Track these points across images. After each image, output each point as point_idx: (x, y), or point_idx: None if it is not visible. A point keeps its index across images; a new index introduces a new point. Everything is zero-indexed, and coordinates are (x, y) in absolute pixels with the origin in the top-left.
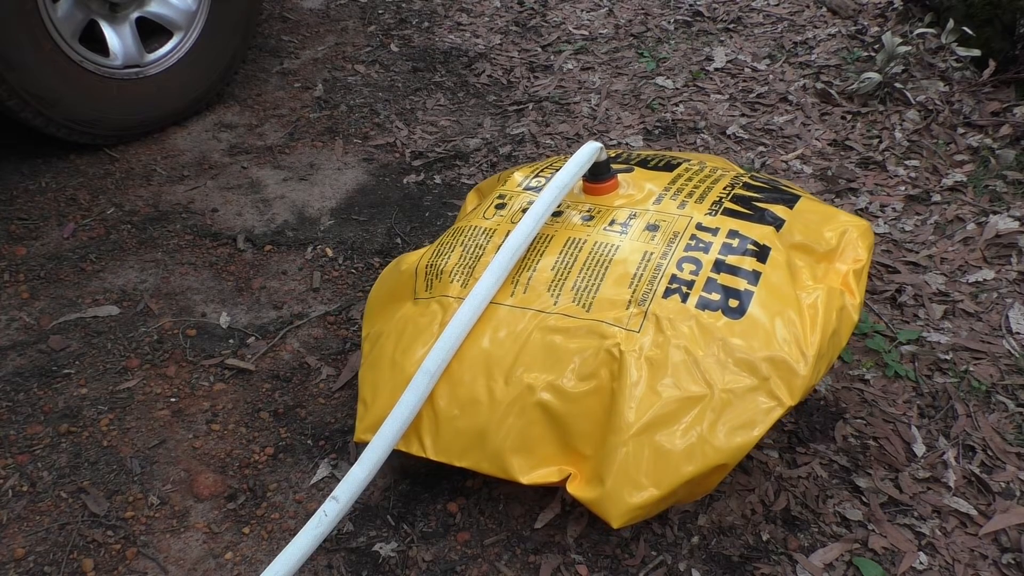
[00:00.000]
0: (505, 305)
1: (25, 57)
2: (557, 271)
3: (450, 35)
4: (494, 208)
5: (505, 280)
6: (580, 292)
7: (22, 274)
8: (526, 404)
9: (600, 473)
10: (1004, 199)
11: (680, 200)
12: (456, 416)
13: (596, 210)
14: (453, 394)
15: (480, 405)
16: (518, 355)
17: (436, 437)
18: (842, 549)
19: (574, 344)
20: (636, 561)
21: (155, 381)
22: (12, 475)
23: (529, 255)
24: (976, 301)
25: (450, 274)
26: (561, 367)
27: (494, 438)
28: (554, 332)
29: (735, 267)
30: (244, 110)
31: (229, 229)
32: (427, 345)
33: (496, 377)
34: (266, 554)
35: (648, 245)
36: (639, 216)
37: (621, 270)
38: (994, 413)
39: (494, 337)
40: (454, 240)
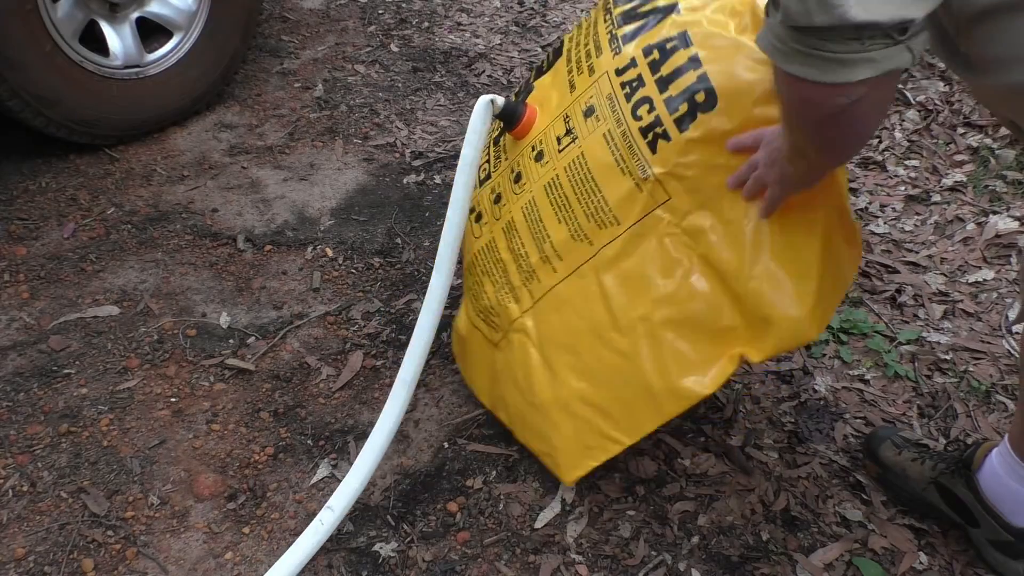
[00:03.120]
0: (559, 284)
1: (25, 57)
2: (564, 219)
3: (450, 35)
4: (476, 223)
5: (534, 264)
6: (596, 215)
7: (22, 274)
8: (653, 334)
9: (758, 321)
10: (1004, 199)
11: (586, 68)
12: (615, 394)
13: (539, 143)
14: (593, 380)
15: (619, 367)
16: (607, 306)
17: (618, 423)
18: (842, 549)
19: (636, 257)
20: (636, 561)
21: (155, 381)
22: (12, 475)
23: (531, 226)
24: (976, 301)
25: (500, 303)
26: (646, 282)
27: (656, 380)
28: (614, 265)
29: (675, 71)
30: (244, 110)
31: (229, 229)
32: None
33: (609, 337)
34: (266, 554)
35: (600, 127)
36: (571, 115)
37: (605, 167)
38: (994, 413)
39: (576, 311)
40: (476, 277)
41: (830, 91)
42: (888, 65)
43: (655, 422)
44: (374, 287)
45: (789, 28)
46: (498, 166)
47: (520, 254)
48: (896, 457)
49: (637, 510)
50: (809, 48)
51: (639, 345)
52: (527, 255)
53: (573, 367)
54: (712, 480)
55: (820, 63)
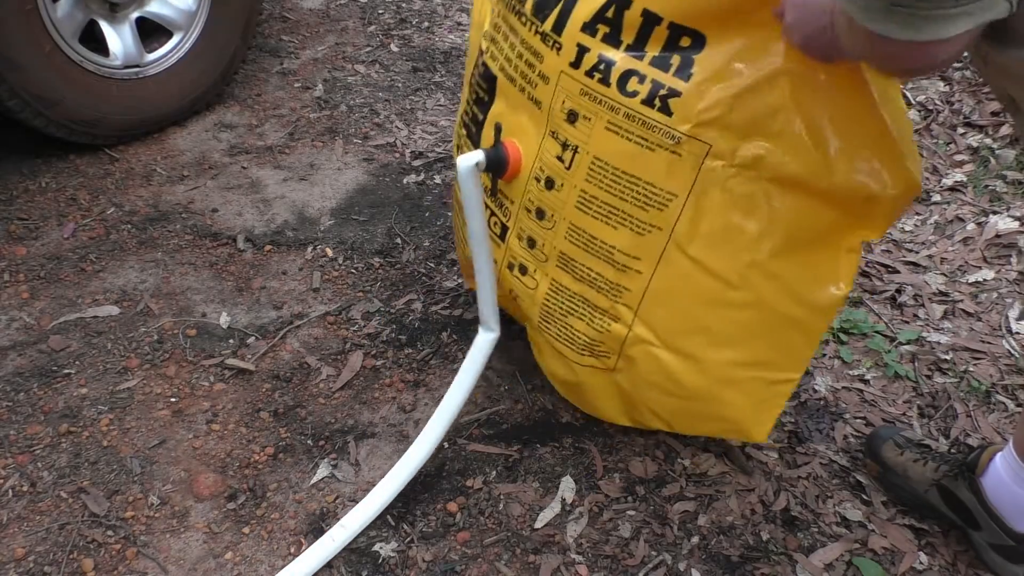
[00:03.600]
0: (651, 281)
1: (25, 57)
2: (618, 223)
3: (450, 35)
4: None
5: (613, 279)
6: (650, 201)
7: (22, 274)
8: (768, 272)
9: (860, 204)
10: (1004, 199)
11: (538, 80)
12: (764, 343)
13: (540, 173)
14: (736, 343)
15: (753, 319)
16: (711, 273)
17: (780, 365)
18: (842, 549)
19: (711, 215)
20: (636, 561)
21: (155, 381)
22: (12, 475)
23: (587, 247)
24: (976, 301)
25: (601, 331)
26: (734, 232)
27: (795, 309)
28: (694, 234)
29: (639, 29)
30: (244, 110)
31: (229, 229)
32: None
33: (730, 298)
34: (266, 554)
35: (596, 124)
36: (557, 130)
37: (629, 156)
38: (994, 413)
39: (683, 295)
40: (558, 325)
41: (918, 49)
42: (986, 16)
43: (812, 345)
44: (374, 287)
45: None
46: (508, 213)
47: (592, 278)
48: (898, 457)
49: (637, 510)
50: (896, 4)
51: (761, 289)
52: (600, 274)
53: (711, 343)
54: (712, 480)
55: (909, 19)
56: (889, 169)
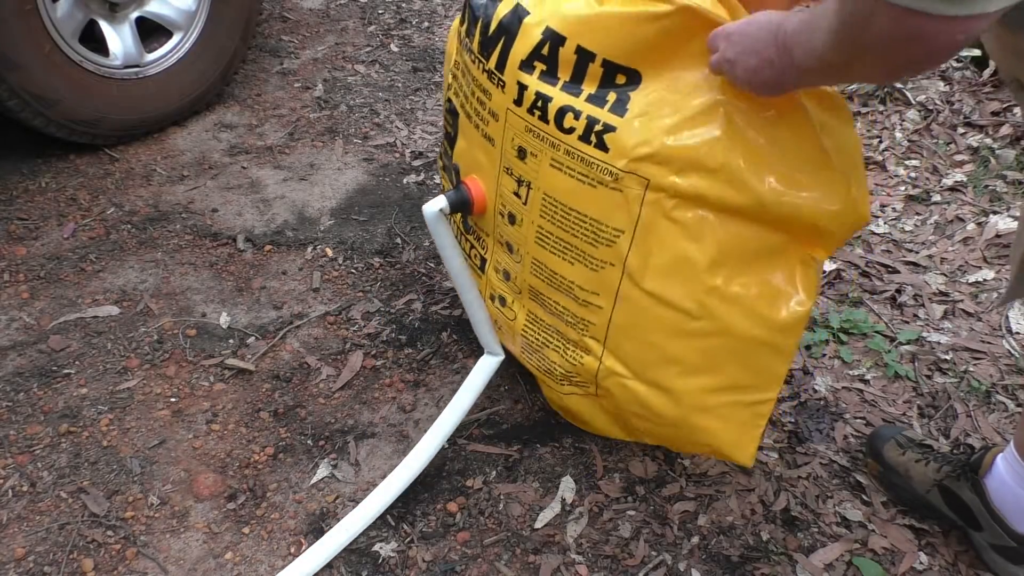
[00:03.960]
0: (612, 316)
1: (25, 57)
2: (573, 259)
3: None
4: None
5: (577, 313)
6: (598, 237)
7: (22, 274)
8: (727, 297)
9: (808, 230)
10: (1004, 199)
11: (488, 116)
12: (736, 367)
13: (503, 207)
14: (707, 370)
15: (720, 345)
16: (671, 306)
17: (755, 386)
18: (842, 549)
19: (660, 248)
20: (636, 561)
21: (155, 381)
22: (12, 475)
23: (550, 281)
24: (976, 301)
25: (573, 363)
26: (686, 261)
27: (760, 331)
28: (646, 268)
29: (575, 67)
30: (244, 110)
31: (229, 229)
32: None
33: (693, 328)
34: (266, 554)
35: (542, 160)
36: (511, 166)
37: (572, 192)
38: (994, 413)
39: (645, 329)
40: (538, 355)
41: (951, 26)
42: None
43: (785, 363)
44: (374, 287)
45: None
46: (485, 246)
47: (559, 311)
48: (900, 457)
49: (637, 510)
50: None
51: (722, 315)
52: (566, 308)
53: (681, 373)
54: (712, 480)
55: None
56: (831, 199)
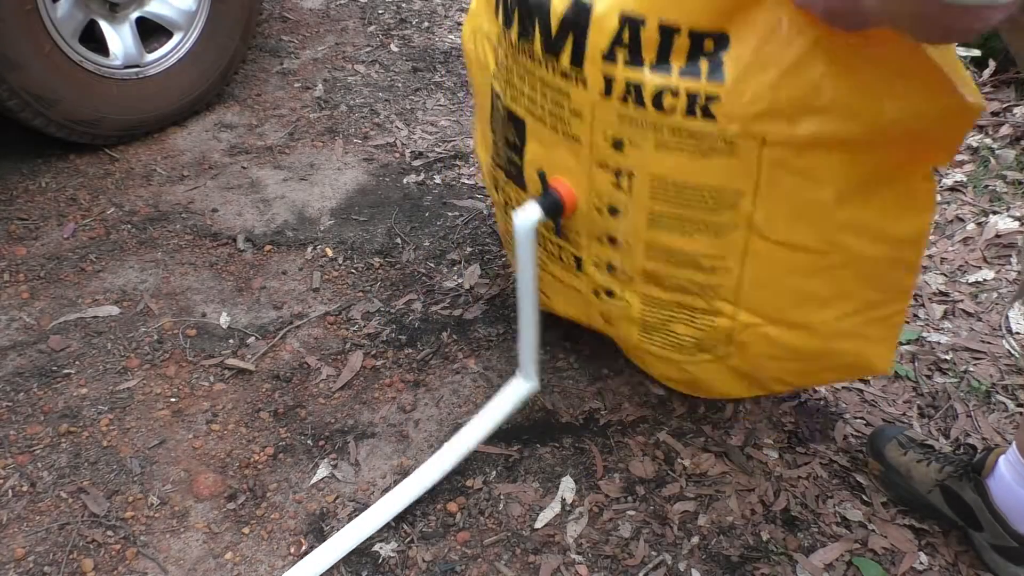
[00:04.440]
0: (743, 272)
1: (25, 57)
2: (695, 230)
3: (450, 35)
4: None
5: (703, 281)
6: (719, 204)
7: (22, 274)
8: (857, 225)
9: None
10: (1004, 199)
11: (570, 118)
12: (870, 286)
13: (599, 202)
14: (844, 297)
15: (855, 271)
16: (804, 247)
17: (885, 302)
18: (842, 549)
19: (785, 199)
20: (636, 561)
21: (155, 381)
22: (12, 475)
23: (669, 259)
24: (976, 301)
25: (704, 330)
26: (814, 204)
27: (887, 250)
28: (773, 220)
29: (659, 47)
30: (244, 110)
31: (229, 229)
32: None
33: (828, 263)
34: (266, 554)
35: (644, 146)
36: (605, 161)
37: (685, 168)
38: (994, 413)
39: (780, 274)
40: (663, 334)
41: (974, 15)
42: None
43: (913, 273)
44: (374, 287)
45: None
46: (579, 245)
47: (682, 285)
48: (901, 457)
49: (637, 510)
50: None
51: (851, 245)
52: (691, 280)
53: (817, 307)
54: (712, 480)
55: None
56: (945, 103)
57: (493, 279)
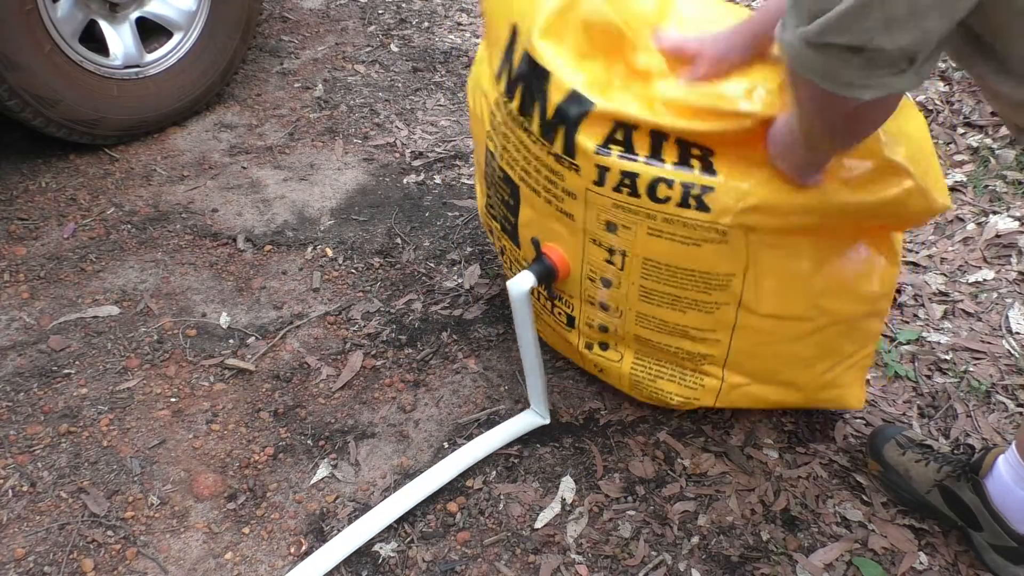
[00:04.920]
0: (731, 342)
1: (25, 57)
2: (685, 307)
3: (450, 35)
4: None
5: (692, 350)
6: (709, 285)
7: (22, 274)
8: (831, 293)
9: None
10: (1004, 199)
11: (563, 195)
12: (841, 340)
13: (593, 273)
14: (821, 355)
15: (834, 330)
16: (791, 315)
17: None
18: (842, 549)
19: (773, 274)
20: (636, 561)
21: (155, 381)
22: (12, 475)
23: (660, 327)
24: (976, 301)
25: (692, 388)
26: (798, 279)
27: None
28: (761, 295)
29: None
30: (244, 110)
31: (229, 229)
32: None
33: (805, 330)
34: (266, 554)
35: (637, 231)
36: (598, 239)
37: (677, 254)
38: (994, 413)
39: (766, 342)
40: (650, 388)
41: (842, 99)
42: (895, 89)
43: (882, 320)
44: (374, 287)
45: (806, 42)
46: (571, 305)
47: (673, 350)
48: (900, 457)
49: (637, 510)
50: (822, 66)
51: (831, 307)
52: (680, 348)
53: (802, 367)
54: (712, 480)
55: (831, 81)
56: (915, 202)
57: (493, 279)
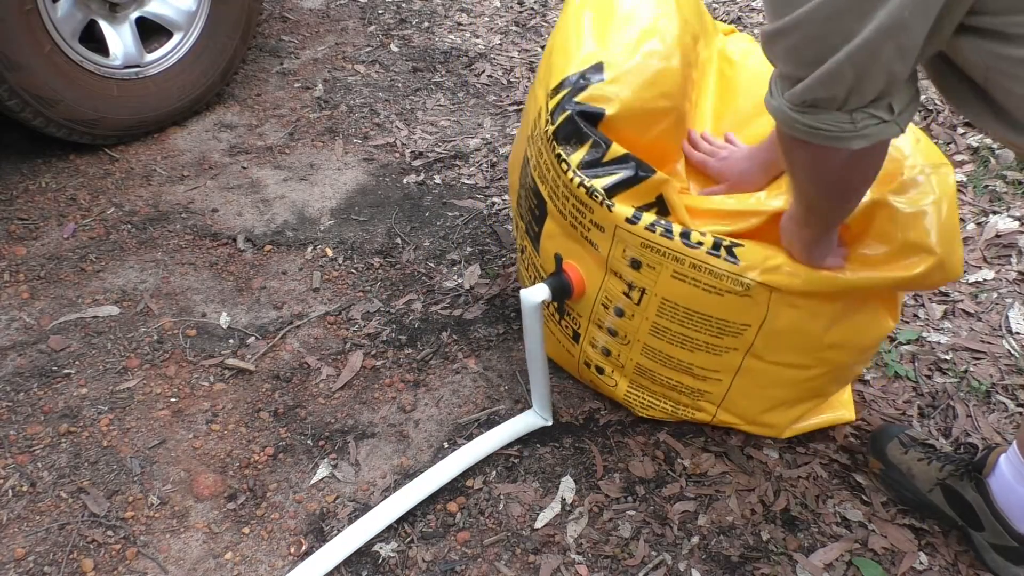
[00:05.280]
0: (732, 383)
1: (25, 57)
2: (694, 348)
3: (450, 35)
4: (600, 375)
5: (694, 385)
6: (722, 331)
7: (22, 274)
8: (834, 347)
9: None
10: (1004, 199)
11: (590, 225)
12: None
13: (608, 302)
14: (811, 394)
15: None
16: (792, 364)
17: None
18: (842, 549)
19: (787, 330)
20: (636, 561)
21: (155, 381)
22: (12, 475)
23: (666, 362)
24: (976, 301)
25: (684, 418)
26: (810, 335)
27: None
28: (771, 344)
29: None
30: (244, 110)
31: (229, 229)
32: None
33: (811, 372)
34: (266, 554)
35: (662, 271)
36: (619, 271)
37: (698, 298)
38: (994, 413)
39: (763, 385)
40: (646, 410)
41: (831, 151)
42: (878, 138)
43: (863, 368)
44: (374, 287)
45: (792, 105)
46: (579, 323)
47: (672, 384)
48: (902, 456)
49: (637, 510)
50: (810, 123)
51: (831, 358)
52: (680, 382)
53: (789, 407)
54: (712, 480)
55: (821, 136)
56: (935, 275)
57: (493, 279)
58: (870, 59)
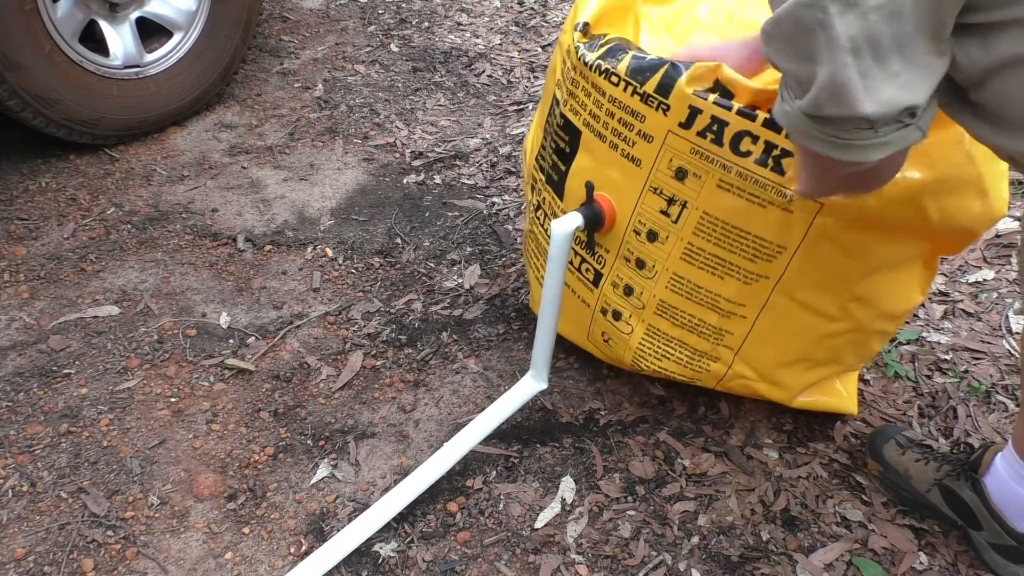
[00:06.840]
0: (755, 324)
1: (25, 57)
2: (725, 273)
3: (450, 35)
4: (616, 320)
5: (717, 324)
6: (758, 253)
7: (22, 274)
8: (862, 301)
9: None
10: None
11: (636, 138)
12: (851, 353)
13: (641, 226)
14: (831, 361)
15: (847, 340)
16: (817, 311)
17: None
18: (842, 549)
19: (820, 265)
20: (636, 561)
21: (155, 381)
22: (12, 475)
23: (690, 296)
24: (976, 301)
25: (698, 371)
26: (842, 276)
27: (882, 324)
28: (801, 281)
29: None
30: (244, 110)
31: (229, 229)
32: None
33: (831, 329)
34: (266, 554)
35: (707, 181)
36: (660, 186)
37: (740, 212)
38: (994, 413)
39: (787, 331)
40: (652, 363)
41: (848, 164)
42: (901, 145)
43: (884, 343)
44: (374, 287)
45: (805, 115)
46: (603, 261)
47: (693, 324)
48: (900, 457)
49: (637, 510)
50: (825, 134)
51: (856, 315)
52: (703, 320)
53: (806, 368)
54: (712, 480)
55: (837, 146)
56: (979, 206)
57: (493, 279)
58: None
